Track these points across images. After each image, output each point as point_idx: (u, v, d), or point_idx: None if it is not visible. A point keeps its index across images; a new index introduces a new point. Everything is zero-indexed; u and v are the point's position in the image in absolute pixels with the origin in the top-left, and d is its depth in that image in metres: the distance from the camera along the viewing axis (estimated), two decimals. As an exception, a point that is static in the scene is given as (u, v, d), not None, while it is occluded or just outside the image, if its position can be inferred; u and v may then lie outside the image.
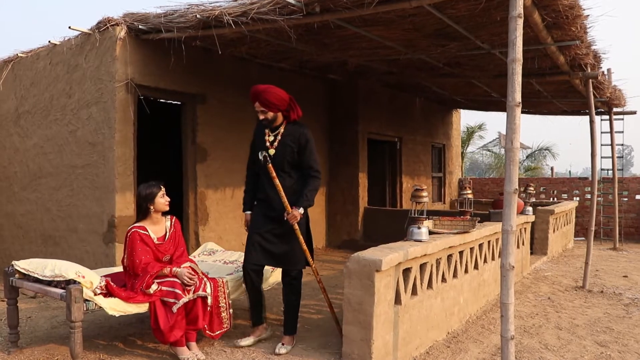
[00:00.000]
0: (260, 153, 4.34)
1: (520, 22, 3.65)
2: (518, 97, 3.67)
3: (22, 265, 4.13)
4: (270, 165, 4.29)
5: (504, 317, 3.71)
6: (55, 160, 7.20)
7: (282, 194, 4.30)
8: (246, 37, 6.15)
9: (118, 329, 4.95)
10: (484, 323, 5.37)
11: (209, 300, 4.24)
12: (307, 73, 9.14)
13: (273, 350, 4.31)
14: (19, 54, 7.86)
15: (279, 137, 4.38)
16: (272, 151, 4.34)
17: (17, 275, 4.21)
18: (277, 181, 4.30)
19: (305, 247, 4.48)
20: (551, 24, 5.21)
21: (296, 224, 4.32)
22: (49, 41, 7.27)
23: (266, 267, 4.69)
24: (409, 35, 5.96)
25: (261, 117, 4.32)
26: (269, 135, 4.42)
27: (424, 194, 4.72)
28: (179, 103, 7.81)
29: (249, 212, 4.63)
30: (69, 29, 6.63)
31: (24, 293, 5.85)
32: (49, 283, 3.93)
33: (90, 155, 6.68)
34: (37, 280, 4.03)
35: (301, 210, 4.34)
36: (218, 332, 4.35)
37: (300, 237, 4.40)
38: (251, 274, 4.38)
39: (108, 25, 6.44)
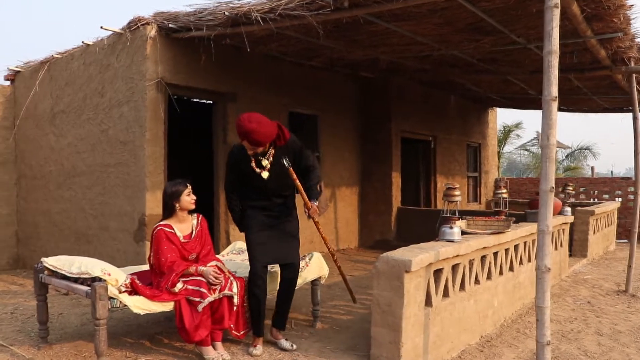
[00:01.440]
0: (285, 159, 4.23)
1: (557, 12, 3.47)
2: (554, 91, 3.50)
3: (50, 262, 4.15)
4: (291, 168, 4.25)
5: (540, 321, 3.54)
6: (88, 159, 7.28)
7: (303, 191, 4.35)
8: (275, 34, 6.08)
9: (146, 327, 4.94)
10: (519, 327, 5.18)
11: (235, 300, 4.18)
12: (338, 71, 9.04)
13: (291, 348, 4.32)
14: (55, 55, 7.97)
15: (270, 159, 4.27)
16: (265, 174, 4.27)
17: (46, 272, 4.23)
18: (298, 182, 4.31)
19: (323, 234, 4.73)
20: (591, 16, 4.98)
21: (316, 216, 4.42)
22: (83, 41, 7.35)
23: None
24: (441, 30, 5.80)
25: (250, 152, 4.19)
26: (252, 162, 4.27)
27: (457, 192, 4.57)
28: (210, 102, 7.81)
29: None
30: (101, 28, 6.68)
31: (57, 290, 5.96)
32: (76, 280, 3.93)
33: (122, 154, 6.72)
34: (64, 277, 4.04)
35: (316, 203, 4.41)
36: (244, 331, 4.30)
37: (319, 228, 4.60)
38: (262, 276, 4.24)
39: (139, 24, 6.46)
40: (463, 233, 4.81)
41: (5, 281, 7.42)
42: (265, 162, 4.25)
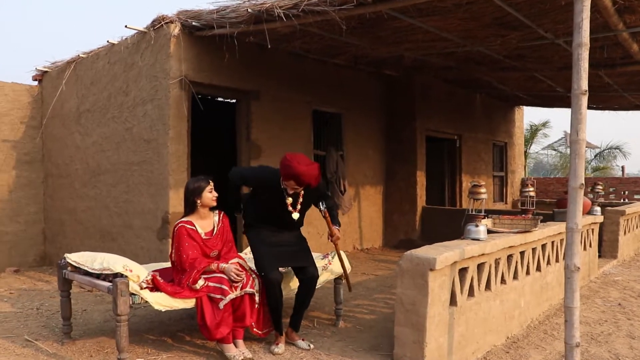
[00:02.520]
0: (321, 204, 4.49)
1: (588, 3, 3.37)
2: (584, 84, 3.39)
3: (73, 258, 4.17)
4: (325, 210, 4.50)
5: (569, 322, 3.44)
6: (112, 158, 7.33)
7: (331, 223, 4.53)
8: (298, 32, 6.04)
9: (168, 324, 4.94)
10: (546, 328, 5.05)
11: (257, 297, 4.14)
12: (362, 69, 8.98)
13: (307, 348, 4.28)
14: (80, 55, 8.05)
15: (300, 200, 4.36)
16: (295, 215, 4.37)
17: (69, 268, 4.25)
18: (329, 220, 4.52)
19: (345, 270, 4.76)
20: (623, 8, 4.83)
21: (339, 243, 4.59)
22: (108, 41, 7.40)
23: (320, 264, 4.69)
24: (467, 25, 5.69)
25: (290, 191, 4.27)
26: (287, 199, 4.31)
27: (482, 190, 4.47)
28: (233, 101, 7.81)
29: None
30: (125, 27, 6.71)
31: (82, 287, 6.01)
32: (98, 276, 3.93)
33: (145, 152, 6.75)
34: (87, 273, 4.05)
35: (338, 228, 4.61)
36: (266, 329, 4.27)
37: (341, 256, 4.69)
38: (276, 283, 4.16)
39: (162, 22, 6.48)
40: (489, 232, 4.71)
41: (33, 278, 7.52)
42: (298, 206, 4.36)
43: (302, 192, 4.32)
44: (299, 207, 4.36)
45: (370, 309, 5.59)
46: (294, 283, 4.54)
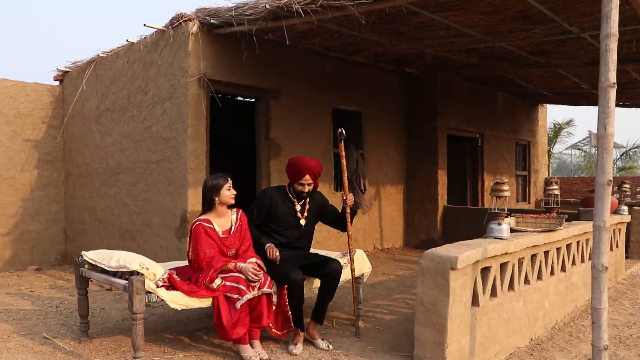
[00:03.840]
0: (341, 130, 4.71)
1: (616, -9, 3.24)
2: (612, 76, 3.25)
3: (90, 256, 4.15)
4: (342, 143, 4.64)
5: (596, 324, 3.31)
6: (132, 156, 7.33)
7: (345, 176, 4.72)
8: (317, 28, 5.98)
9: (186, 323, 4.90)
10: (572, 330, 4.91)
11: (274, 298, 4.08)
12: (383, 67, 8.88)
13: (326, 349, 4.18)
14: (100, 54, 8.08)
15: (307, 207, 4.57)
16: (303, 222, 4.54)
17: (86, 266, 4.23)
18: (344, 161, 4.61)
19: (349, 227, 4.59)
20: (653, -1, 4.67)
21: (348, 209, 4.51)
22: (127, 40, 7.41)
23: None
24: (489, 19, 5.57)
25: (306, 189, 4.45)
26: (297, 205, 4.53)
27: (505, 187, 4.36)
28: (252, 100, 7.76)
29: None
30: (144, 26, 6.70)
31: (101, 285, 6.01)
32: (114, 274, 3.90)
33: (164, 150, 6.73)
34: (104, 271, 4.02)
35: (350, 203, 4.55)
36: (284, 330, 4.20)
37: (349, 219, 4.55)
38: (300, 276, 4.10)
39: (181, 20, 6.46)
40: (512, 231, 4.59)
41: (53, 276, 7.56)
42: (305, 213, 4.54)
43: (309, 200, 4.56)
44: (306, 214, 4.54)
45: (390, 309, 5.50)
46: (316, 282, 4.49)
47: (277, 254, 4.25)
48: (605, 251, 3.31)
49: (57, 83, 9.10)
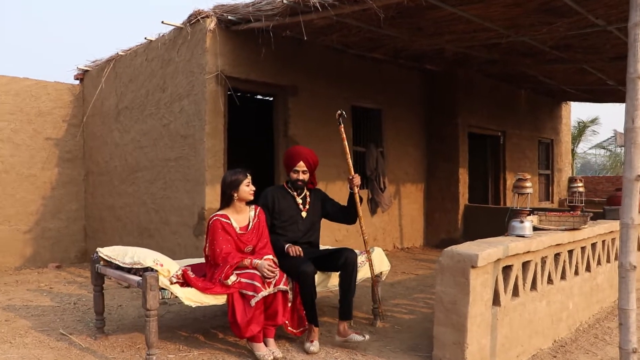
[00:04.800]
0: (341, 112, 4.61)
1: (645, -21, 3.11)
2: (641, 67, 3.12)
3: (105, 252, 4.13)
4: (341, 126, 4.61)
5: (624, 325, 3.18)
6: (150, 154, 7.33)
7: (349, 156, 4.63)
8: (335, 24, 5.90)
9: (202, 321, 4.86)
10: (597, 332, 4.76)
11: (290, 295, 4.01)
12: (403, 64, 8.76)
13: (363, 339, 4.06)
14: (119, 53, 8.10)
15: (308, 200, 4.62)
16: (304, 213, 4.57)
17: (101, 262, 4.21)
18: (345, 143, 4.62)
19: (358, 207, 4.58)
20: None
21: (356, 189, 4.51)
22: (145, 37, 7.41)
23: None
24: (510, 12, 5.43)
25: (300, 177, 4.49)
26: (297, 198, 4.58)
27: (528, 184, 4.25)
28: (270, 99, 7.72)
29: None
30: (162, 23, 6.69)
31: (119, 283, 6.00)
32: (129, 270, 3.87)
33: (182, 147, 6.71)
34: (118, 268, 4.00)
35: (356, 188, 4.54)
36: (300, 329, 4.13)
37: (357, 200, 4.54)
38: (311, 269, 4.05)
39: (198, 17, 6.43)
40: (534, 229, 4.47)
41: (73, 273, 7.59)
42: (307, 206, 4.59)
43: (309, 192, 4.63)
44: (307, 206, 4.57)
45: (410, 308, 5.40)
46: (333, 279, 4.43)
47: (299, 247, 4.26)
48: (633, 249, 3.18)
49: (77, 82, 9.15)
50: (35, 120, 8.50)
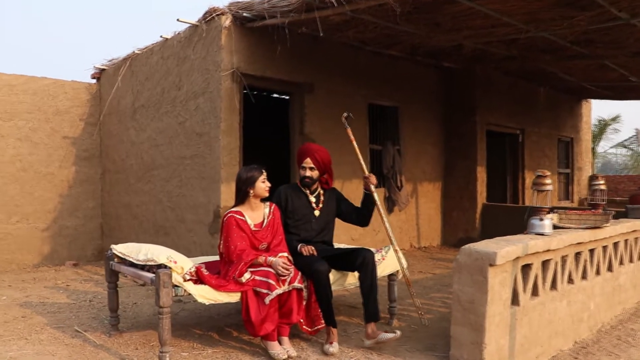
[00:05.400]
0: (347, 114, 4.69)
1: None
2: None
3: (119, 249, 4.11)
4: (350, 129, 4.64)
5: (647, 325, 3.09)
6: (166, 152, 7.33)
7: (361, 158, 4.62)
8: (351, 20, 5.84)
9: (217, 319, 4.83)
10: (619, 334, 4.64)
11: (305, 293, 3.96)
12: (420, 61, 8.66)
13: (397, 335, 3.95)
14: (136, 51, 8.11)
15: (321, 199, 4.51)
16: (317, 212, 4.46)
17: (115, 259, 4.19)
18: (355, 144, 4.63)
19: (379, 205, 4.48)
20: None
21: (372, 188, 4.42)
22: (161, 36, 7.41)
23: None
24: (530, 6, 5.31)
25: (307, 173, 4.39)
26: (310, 197, 4.48)
27: (547, 181, 4.15)
28: (287, 98, 7.67)
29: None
30: (177, 21, 6.68)
31: (135, 280, 6.01)
32: (142, 267, 3.85)
33: (197, 145, 6.70)
34: (132, 265, 3.98)
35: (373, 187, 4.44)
36: (316, 327, 4.07)
37: (376, 198, 4.44)
38: (325, 267, 3.97)
39: (214, 14, 6.42)
40: (554, 227, 4.37)
41: (90, 271, 7.62)
42: (320, 205, 4.47)
43: (322, 191, 4.52)
44: (320, 205, 4.47)
45: (427, 308, 5.31)
46: (350, 278, 4.37)
47: (312, 247, 4.19)
48: (657, 247, 3.08)
49: (94, 81, 9.19)
50: (53, 119, 8.56)
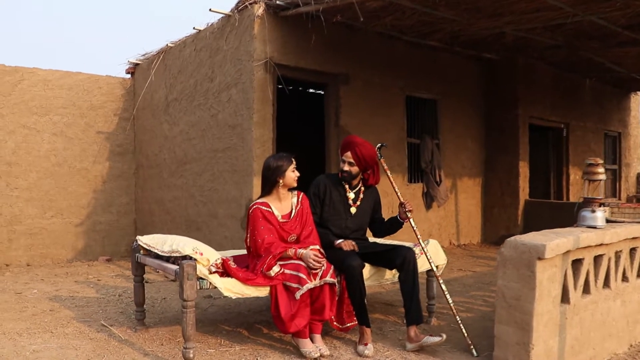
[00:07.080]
0: (381, 144, 4.35)
1: None
2: None
3: (144, 240, 3.97)
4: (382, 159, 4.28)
5: None
6: (198, 146, 7.21)
7: (395, 186, 4.33)
8: (389, 5, 5.60)
9: (246, 315, 4.65)
10: (679, 336, 4.29)
11: (338, 289, 3.73)
12: (459, 51, 8.34)
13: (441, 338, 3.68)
14: (169, 44, 8.03)
15: (360, 196, 4.26)
16: (353, 209, 4.21)
17: (141, 251, 4.05)
18: (388, 173, 4.33)
19: (416, 231, 4.24)
20: None
21: (409, 214, 4.15)
22: (194, 27, 7.30)
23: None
24: (580, -16, 4.99)
25: (346, 168, 4.12)
26: (349, 192, 4.22)
27: (600, 170, 3.84)
28: (322, 93, 7.47)
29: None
30: (210, 11, 6.53)
31: (166, 276, 5.89)
32: (167, 259, 3.68)
33: (230, 138, 6.55)
34: (157, 257, 3.82)
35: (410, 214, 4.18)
36: (348, 324, 3.83)
37: (413, 224, 4.24)
38: (359, 263, 3.76)
39: (247, 3, 6.25)
40: (607, 221, 4.04)
41: (122, 267, 7.56)
42: (358, 202, 4.23)
43: (363, 189, 4.26)
44: (358, 202, 4.22)
45: (467, 306, 5.04)
46: (386, 273, 4.15)
47: (352, 242, 3.99)
48: None
49: (129, 76, 9.17)
50: (88, 114, 8.55)
